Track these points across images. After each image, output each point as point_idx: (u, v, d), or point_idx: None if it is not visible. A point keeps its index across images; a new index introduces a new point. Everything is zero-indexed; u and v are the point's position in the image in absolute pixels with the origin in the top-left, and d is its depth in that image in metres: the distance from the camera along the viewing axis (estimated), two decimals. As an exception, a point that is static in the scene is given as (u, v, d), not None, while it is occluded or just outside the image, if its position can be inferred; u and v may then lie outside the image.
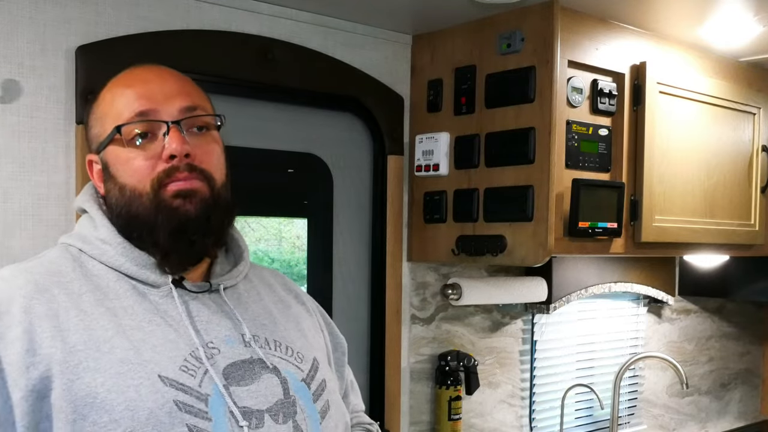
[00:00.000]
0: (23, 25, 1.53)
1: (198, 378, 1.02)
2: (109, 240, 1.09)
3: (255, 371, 1.08)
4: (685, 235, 2.18)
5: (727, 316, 3.21)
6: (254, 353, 1.09)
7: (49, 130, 1.57)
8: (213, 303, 1.12)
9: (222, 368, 1.05)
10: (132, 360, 1.00)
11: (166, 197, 1.06)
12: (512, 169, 1.90)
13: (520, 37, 1.86)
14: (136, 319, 1.05)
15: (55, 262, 1.08)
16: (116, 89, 1.12)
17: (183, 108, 1.10)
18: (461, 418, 2.22)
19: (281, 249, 2.07)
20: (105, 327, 1.02)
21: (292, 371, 1.12)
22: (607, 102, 1.98)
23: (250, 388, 1.06)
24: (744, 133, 2.39)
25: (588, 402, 2.70)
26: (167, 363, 1.02)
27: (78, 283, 1.06)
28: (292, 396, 1.09)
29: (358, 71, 2.03)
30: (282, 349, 1.14)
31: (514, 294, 2.24)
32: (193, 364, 1.03)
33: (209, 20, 1.77)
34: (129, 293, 1.07)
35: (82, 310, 1.02)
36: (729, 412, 3.27)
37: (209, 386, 1.02)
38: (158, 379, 1.00)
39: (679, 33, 2.11)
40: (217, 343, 1.07)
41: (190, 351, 1.04)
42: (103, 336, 1.01)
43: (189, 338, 1.05)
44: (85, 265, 1.09)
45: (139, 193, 1.07)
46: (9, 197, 1.52)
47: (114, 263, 1.08)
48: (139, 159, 1.08)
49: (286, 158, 1.99)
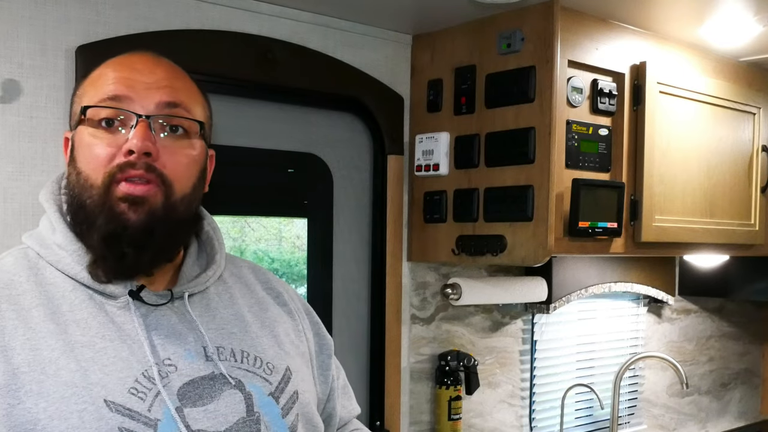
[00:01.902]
0: (23, 25, 1.53)
1: (148, 401, 0.95)
2: (65, 246, 1.01)
3: (215, 388, 1.00)
4: (685, 235, 2.18)
5: (727, 316, 3.21)
6: (216, 368, 1.02)
7: (49, 130, 1.57)
8: (175, 313, 1.04)
9: (177, 388, 0.98)
10: (78, 383, 0.93)
11: (113, 198, 0.97)
12: (512, 169, 1.90)
13: (520, 37, 1.86)
14: (88, 335, 0.97)
15: (9, 271, 1.01)
16: (104, 69, 1.04)
17: (161, 103, 1.01)
18: (461, 418, 2.22)
19: (281, 249, 2.07)
20: (52, 346, 0.95)
21: (258, 385, 1.05)
22: (607, 102, 1.98)
23: (208, 408, 0.99)
24: (744, 133, 2.39)
25: (588, 402, 2.70)
26: (115, 385, 0.94)
27: (30, 295, 0.98)
28: (257, 412, 1.02)
29: (358, 71, 2.03)
30: (250, 360, 1.07)
31: (514, 294, 2.24)
32: (144, 385, 0.96)
33: (209, 20, 1.77)
34: (84, 304, 0.99)
35: (30, 328, 0.95)
36: (729, 412, 3.27)
37: (159, 410, 0.95)
38: (104, 404, 0.93)
39: (679, 33, 2.11)
40: (174, 360, 1.00)
41: (143, 370, 0.97)
42: (49, 357, 0.94)
43: (143, 355, 0.98)
44: (42, 272, 1.01)
45: (90, 184, 0.99)
46: (9, 197, 1.52)
47: (70, 271, 1.00)
48: (100, 146, 0.99)
49: (286, 158, 1.99)
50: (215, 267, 1.12)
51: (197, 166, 1.05)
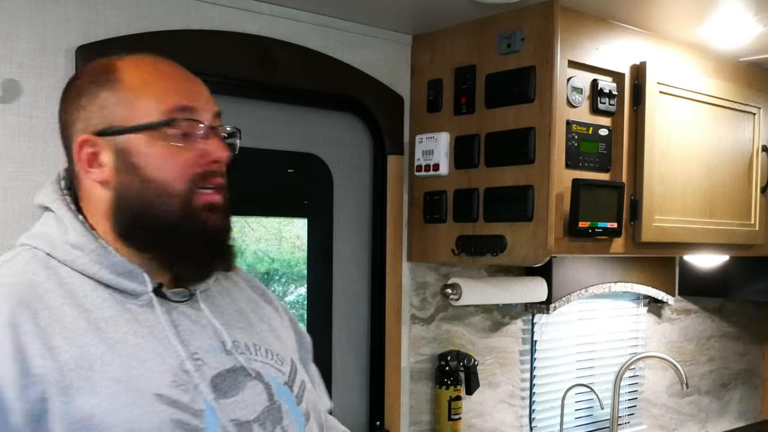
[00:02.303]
0: (23, 25, 1.53)
1: (190, 393, 0.97)
2: (81, 245, 1.01)
3: (239, 380, 1.03)
4: (685, 235, 2.18)
5: (727, 316, 3.21)
6: (236, 361, 1.05)
7: (49, 130, 1.57)
8: (191, 310, 1.06)
9: (209, 380, 1.00)
10: (124, 378, 0.94)
11: (196, 206, 1.01)
12: (512, 169, 1.90)
13: (520, 37, 1.86)
14: (120, 331, 0.98)
15: (27, 271, 0.99)
16: (145, 75, 1.04)
17: (215, 113, 1.06)
18: (461, 418, 2.22)
19: (281, 249, 2.08)
20: (93, 343, 0.95)
21: (274, 375, 1.08)
22: (607, 102, 1.98)
23: (237, 398, 1.02)
24: (744, 133, 2.39)
25: (588, 402, 2.70)
26: (158, 379, 0.96)
27: (55, 294, 0.97)
28: (277, 401, 1.06)
29: (358, 71, 2.03)
30: (262, 352, 1.10)
31: (514, 294, 2.24)
32: (183, 378, 0.98)
33: (209, 20, 1.77)
34: (107, 303, 0.99)
35: (65, 326, 0.95)
36: (729, 412, 3.27)
37: (200, 401, 0.98)
38: (153, 397, 0.95)
39: (679, 33, 2.11)
40: (201, 354, 1.02)
41: (178, 364, 0.99)
42: (93, 353, 0.94)
43: (175, 350, 1.00)
44: (58, 272, 1.00)
45: (169, 192, 1.00)
46: (9, 197, 1.52)
47: (88, 270, 1.00)
48: (175, 155, 1.01)
49: (286, 158, 1.99)
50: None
51: None
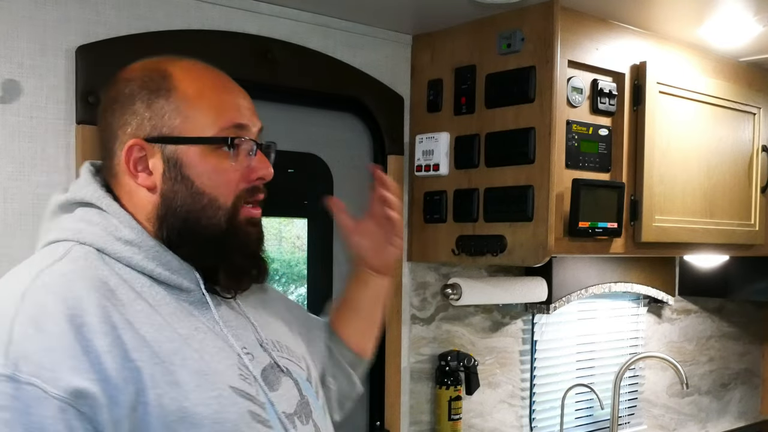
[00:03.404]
0: (23, 25, 1.53)
1: (254, 386, 1.01)
2: (137, 242, 1.01)
3: (277, 375, 1.07)
4: (685, 235, 2.18)
5: (727, 316, 3.21)
6: (271, 357, 1.09)
7: (49, 130, 1.57)
8: (232, 308, 1.10)
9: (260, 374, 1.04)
10: (204, 371, 0.96)
11: (240, 220, 1.05)
12: (512, 169, 1.90)
13: (520, 37, 1.86)
14: (186, 327, 0.99)
15: (91, 267, 0.97)
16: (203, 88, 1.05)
17: (260, 129, 1.09)
18: (461, 418, 2.22)
19: (281, 249, 2.08)
20: (170, 337, 0.96)
21: (298, 371, 1.12)
22: (607, 102, 1.98)
23: (279, 392, 1.05)
24: (744, 133, 2.39)
25: (588, 402, 2.70)
26: (230, 372, 0.99)
27: (123, 289, 0.97)
28: (305, 396, 1.10)
29: (358, 71, 2.03)
30: (284, 350, 1.13)
31: (514, 294, 2.24)
32: (245, 372, 1.02)
33: (209, 20, 1.77)
34: (166, 299, 1.00)
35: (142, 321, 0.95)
36: (729, 412, 3.27)
37: (262, 394, 1.02)
38: (231, 390, 0.98)
39: (679, 33, 2.11)
40: (249, 349, 1.06)
41: (237, 358, 1.02)
42: (172, 347, 0.95)
43: (231, 345, 1.03)
44: (114, 268, 0.99)
45: (218, 205, 1.03)
46: (9, 197, 1.52)
47: (144, 267, 1.00)
48: (228, 171, 1.04)
49: (286, 158, 1.99)
50: None
51: None
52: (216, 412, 0.94)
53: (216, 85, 1.07)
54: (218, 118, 1.04)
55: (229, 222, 1.04)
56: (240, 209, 1.05)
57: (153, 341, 0.94)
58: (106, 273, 0.97)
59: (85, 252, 0.99)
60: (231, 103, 1.06)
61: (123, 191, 1.05)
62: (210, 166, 1.03)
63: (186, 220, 1.03)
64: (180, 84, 1.04)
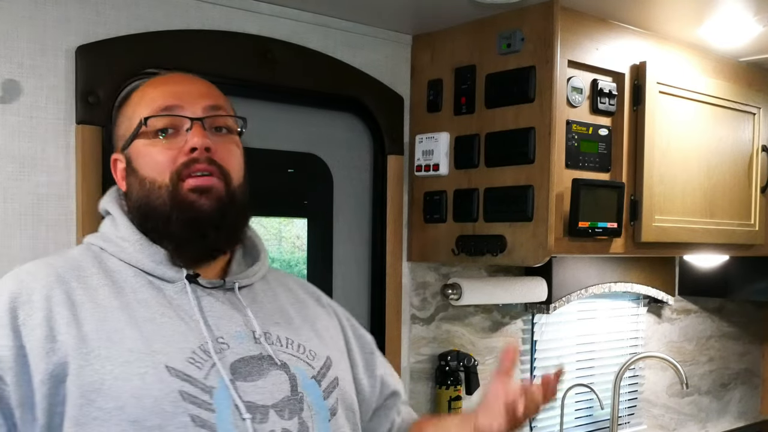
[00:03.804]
0: (23, 25, 1.53)
1: (204, 370, 1.04)
2: (127, 237, 1.13)
3: (263, 367, 1.10)
4: (685, 235, 2.18)
5: (727, 316, 3.21)
6: (264, 350, 1.11)
7: (49, 130, 1.57)
8: (227, 300, 1.15)
9: (230, 363, 1.07)
10: (141, 350, 1.03)
11: (183, 191, 1.10)
12: (512, 169, 1.90)
13: (520, 37, 1.86)
14: (149, 311, 1.08)
15: (77, 258, 1.13)
16: (145, 90, 1.17)
17: (207, 107, 1.14)
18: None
19: (281, 249, 2.08)
20: (118, 318, 1.05)
21: (302, 368, 1.13)
22: (607, 102, 1.98)
23: (257, 383, 1.08)
24: (744, 133, 2.39)
25: (588, 402, 2.70)
26: (175, 354, 1.04)
27: (96, 278, 1.10)
28: (300, 393, 1.11)
29: (358, 71, 2.03)
30: (294, 346, 1.16)
31: (514, 294, 2.24)
32: (201, 357, 1.05)
33: (209, 20, 1.77)
34: (145, 288, 1.10)
35: (97, 303, 1.06)
36: (729, 412, 3.27)
37: (215, 379, 1.04)
38: (165, 369, 1.02)
39: (679, 33, 2.11)
40: (227, 339, 1.10)
41: (200, 344, 1.07)
42: (114, 326, 1.04)
43: (199, 332, 1.08)
44: (105, 262, 1.13)
45: (158, 185, 1.11)
46: (9, 197, 1.52)
47: (132, 260, 1.12)
48: (161, 152, 1.12)
49: (286, 158, 1.99)
50: (260, 263, 1.24)
51: (242, 160, 1.19)
52: (137, 387, 1.00)
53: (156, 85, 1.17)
54: (147, 108, 1.14)
55: (172, 197, 1.10)
56: (181, 183, 1.10)
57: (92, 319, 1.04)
58: (89, 264, 1.11)
59: (84, 248, 1.16)
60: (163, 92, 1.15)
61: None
62: (145, 153, 1.13)
63: (141, 207, 1.13)
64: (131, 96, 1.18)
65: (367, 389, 1.31)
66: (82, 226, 1.57)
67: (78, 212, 1.59)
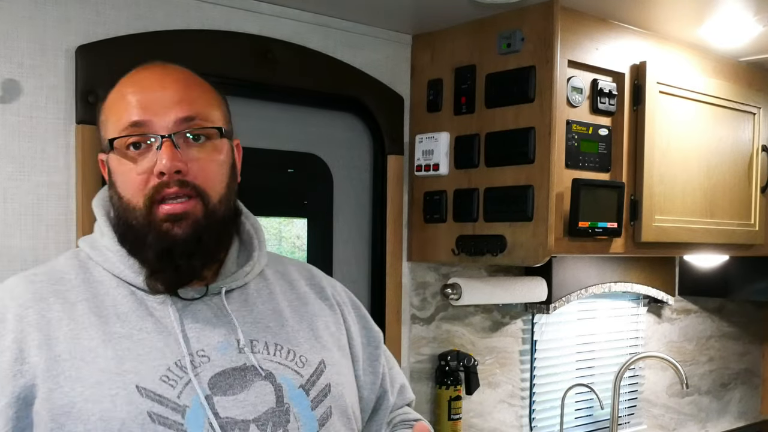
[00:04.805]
0: (23, 25, 1.53)
1: (178, 389, 1.01)
2: (111, 248, 1.10)
3: (246, 379, 1.05)
4: (685, 235, 2.18)
5: (727, 316, 3.21)
6: (248, 360, 1.07)
7: (49, 130, 1.57)
8: (210, 308, 1.10)
9: (208, 378, 1.03)
10: (112, 370, 1.00)
11: (157, 219, 1.05)
12: (512, 169, 1.90)
13: (520, 37, 1.86)
14: (127, 327, 1.04)
15: (62, 269, 1.10)
16: (119, 91, 1.09)
17: (179, 119, 1.05)
18: (461, 418, 2.22)
19: (281, 249, 2.08)
20: (92, 336, 1.02)
21: (289, 377, 1.09)
22: (607, 102, 1.98)
23: (238, 397, 1.04)
24: (744, 133, 2.39)
25: (588, 402, 2.70)
26: (148, 373, 1.01)
27: (77, 291, 1.07)
28: (286, 404, 1.07)
29: (358, 71, 2.03)
30: (282, 353, 1.11)
31: (514, 294, 2.24)
32: (176, 374, 1.02)
33: (209, 20, 1.77)
34: (126, 299, 1.07)
35: (74, 319, 1.03)
36: (729, 412, 3.27)
37: (189, 397, 1.01)
38: (135, 389, 0.99)
39: (679, 33, 2.11)
40: (208, 351, 1.06)
41: (176, 360, 1.03)
42: (88, 345, 1.01)
43: (177, 346, 1.04)
44: (90, 272, 1.10)
45: (132, 207, 1.06)
46: (9, 197, 1.52)
47: (115, 270, 1.09)
48: (133, 172, 1.05)
49: (286, 158, 1.99)
50: (252, 263, 1.17)
51: (226, 166, 1.11)
52: (105, 410, 0.97)
53: (128, 88, 1.09)
54: (118, 120, 1.07)
55: (147, 222, 1.05)
56: (155, 207, 1.04)
57: (65, 339, 1.01)
58: (73, 276, 1.08)
59: (72, 255, 1.13)
60: (134, 102, 1.06)
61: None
62: (120, 171, 1.08)
63: (120, 222, 1.09)
64: (109, 94, 1.11)
65: (368, 386, 1.27)
66: (82, 226, 1.57)
67: (78, 212, 1.59)
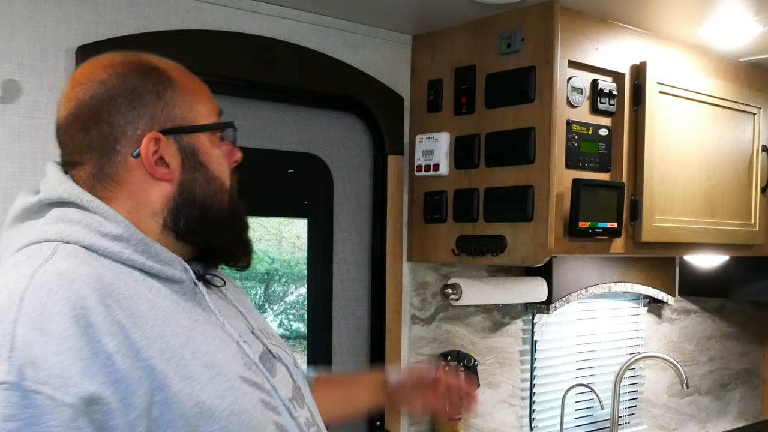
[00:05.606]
0: (23, 25, 1.53)
1: (258, 374, 1.01)
2: (125, 236, 0.95)
3: (272, 362, 1.07)
4: (685, 235, 2.18)
5: (727, 316, 3.21)
6: (263, 344, 1.08)
7: (49, 130, 1.56)
8: (220, 296, 1.08)
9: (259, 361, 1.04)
10: (213, 363, 0.94)
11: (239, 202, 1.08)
12: (512, 169, 1.90)
13: (520, 37, 1.87)
14: (185, 318, 0.95)
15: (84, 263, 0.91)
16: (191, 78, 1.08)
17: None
18: (461, 418, 2.22)
19: (281, 249, 2.08)
20: (175, 330, 0.92)
21: (286, 357, 1.13)
22: (607, 102, 1.98)
23: (277, 378, 1.05)
24: (744, 133, 2.39)
25: (588, 402, 2.70)
26: (235, 362, 0.98)
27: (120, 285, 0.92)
28: (296, 381, 1.11)
29: (358, 71, 2.03)
30: (270, 336, 1.14)
31: (514, 294, 2.24)
32: (248, 360, 1.01)
33: (209, 20, 1.77)
34: (163, 291, 0.96)
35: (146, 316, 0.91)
36: (729, 412, 3.27)
37: (266, 381, 1.02)
38: (241, 380, 0.96)
39: (679, 33, 2.11)
40: (245, 337, 1.05)
41: (238, 347, 1.00)
42: (180, 341, 0.92)
43: (229, 334, 1.01)
44: (105, 265, 0.93)
45: (225, 188, 1.06)
46: (9, 197, 1.52)
47: (135, 261, 0.95)
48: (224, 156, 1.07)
49: (286, 158, 1.99)
50: None
51: None
52: (232, 403, 0.93)
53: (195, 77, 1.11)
54: (212, 105, 1.08)
55: (230, 203, 1.07)
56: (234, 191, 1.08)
57: (160, 336, 0.90)
58: (100, 269, 0.91)
59: (73, 249, 0.92)
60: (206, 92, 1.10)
61: (123, 191, 0.99)
62: (216, 151, 1.06)
63: (203, 207, 1.03)
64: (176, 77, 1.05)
65: None
66: (82, 226, 1.57)
67: (78, 212, 1.58)
